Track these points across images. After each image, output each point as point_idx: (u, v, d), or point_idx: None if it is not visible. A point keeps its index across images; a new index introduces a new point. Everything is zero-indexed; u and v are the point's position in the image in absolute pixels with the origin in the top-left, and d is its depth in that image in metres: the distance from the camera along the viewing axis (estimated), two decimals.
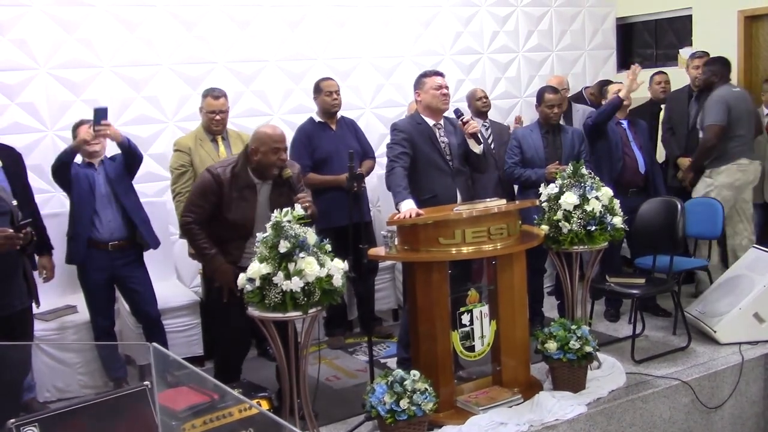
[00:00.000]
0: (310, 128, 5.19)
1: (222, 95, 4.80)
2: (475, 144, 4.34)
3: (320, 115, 5.23)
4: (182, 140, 4.85)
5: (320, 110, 5.23)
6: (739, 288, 4.94)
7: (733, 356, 4.64)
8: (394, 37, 6.28)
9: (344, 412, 4.11)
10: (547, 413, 3.90)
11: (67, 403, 3.60)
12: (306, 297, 3.38)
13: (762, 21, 6.41)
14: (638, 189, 5.34)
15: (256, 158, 3.88)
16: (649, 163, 5.40)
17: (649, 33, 7.46)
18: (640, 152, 5.37)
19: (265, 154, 3.85)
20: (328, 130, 5.20)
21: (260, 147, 3.85)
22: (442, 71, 4.42)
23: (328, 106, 5.16)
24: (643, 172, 5.36)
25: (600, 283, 4.82)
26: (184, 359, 3.16)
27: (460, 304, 3.98)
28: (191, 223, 3.92)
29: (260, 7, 5.71)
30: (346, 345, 5.28)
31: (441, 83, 4.28)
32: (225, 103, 4.82)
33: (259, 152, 3.86)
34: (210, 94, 4.79)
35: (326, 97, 5.15)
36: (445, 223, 3.83)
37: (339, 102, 5.21)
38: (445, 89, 4.30)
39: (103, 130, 4.18)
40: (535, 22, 6.96)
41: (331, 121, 5.22)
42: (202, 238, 3.92)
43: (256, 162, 3.89)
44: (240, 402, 3.15)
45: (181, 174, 4.73)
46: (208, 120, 4.78)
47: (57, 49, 5.04)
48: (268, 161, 3.87)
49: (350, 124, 5.39)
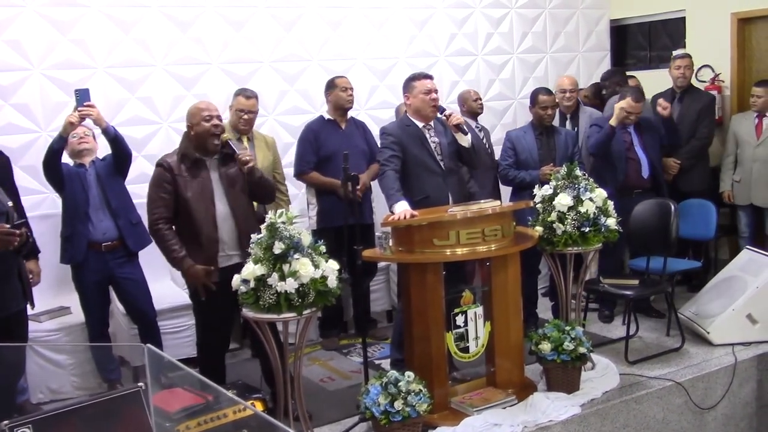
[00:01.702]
0: (319, 126, 5.24)
1: (254, 96, 4.91)
2: (462, 136, 4.33)
3: (332, 113, 5.26)
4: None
5: (333, 107, 5.25)
6: (732, 289, 4.96)
7: (726, 357, 4.66)
8: (389, 39, 6.29)
9: (339, 414, 4.11)
10: (541, 414, 3.92)
11: (61, 405, 3.59)
12: (300, 298, 3.38)
13: (755, 23, 6.44)
14: (643, 190, 5.34)
15: (193, 133, 3.97)
16: (654, 165, 5.40)
17: (642, 35, 7.48)
18: (645, 155, 5.36)
19: (198, 124, 3.95)
20: (336, 128, 5.24)
21: (193, 120, 3.97)
22: (431, 74, 4.43)
23: (344, 101, 5.19)
24: (646, 176, 5.37)
25: (594, 284, 4.83)
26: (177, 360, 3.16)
27: (455, 305, 3.99)
28: (158, 221, 3.93)
29: (255, 8, 5.71)
30: (341, 346, 5.28)
31: (431, 87, 4.27)
32: (255, 104, 4.92)
33: (194, 126, 3.96)
34: (242, 94, 4.90)
35: (342, 92, 5.18)
36: (440, 225, 3.84)
37: (353, 99, 5.27)
38: (435, 94, 4.28)
39: (86, 111, 4.14)
40: (529, 24, 6.98)
41: (342, 120, 5.25)
42: (171, 239, 3.93)
43: (195, 137, 3.97)
44: (234, 403, 3.14)
45: None
46: (237, 118, 4.86)
47: (51, 49, 5.02)
48: (203, 130, 3.95)
49: (360, 125, 5.42)
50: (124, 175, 4.48)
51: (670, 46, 7.10)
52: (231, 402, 3.14)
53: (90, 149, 4.41)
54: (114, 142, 4.30)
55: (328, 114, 5.29)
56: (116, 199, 4.37)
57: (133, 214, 4.46)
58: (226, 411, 3.23)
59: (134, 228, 4.42)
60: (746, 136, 5.87)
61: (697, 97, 5.97)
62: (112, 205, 4.35)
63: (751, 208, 5.90)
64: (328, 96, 5.29)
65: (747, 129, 5.88)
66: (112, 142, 4.30)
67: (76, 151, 4.38)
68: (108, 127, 4.26)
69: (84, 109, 4.14)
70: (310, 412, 3.86)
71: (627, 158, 5.31)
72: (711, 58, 6.28)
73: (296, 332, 3.63)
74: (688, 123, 5.85)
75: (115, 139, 4.29)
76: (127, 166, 4.47)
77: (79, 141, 4.37)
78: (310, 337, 4.79)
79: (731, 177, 5.97)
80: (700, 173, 5.93)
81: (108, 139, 4.29)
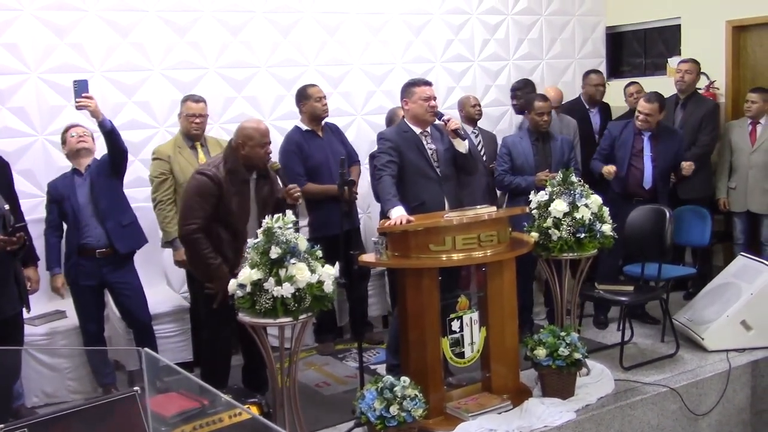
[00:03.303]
0: (299, 137, 5.12)
1: (202, 100, 4.83)
2: (460, 142, 4.34)
3: (307, 123, 5.17)
4: (161, 148, 4.83)
5: (308, 117, 5.15)
6: (726, 296, 4.98)
7: (720, 363, 4.67)
8: (386, 45, 6.30)
9: (334, 419, 4.11)
10: (536, 420, 3.92)
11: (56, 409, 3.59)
12: (297, 303, 3.39)
13: (749, 31, 6.47)
14: (643, 200, 5.32)
15: (243, 152, 3.97)
16: (657, 178, 5.35)
17: (638, 42, 7.51)
18: (651, 165, 5.33)
19: (253, 148, 3.96)
20: (316, 138, 5.16)
21: (247, 142, 3.96)
22: (430, 80, 4.44)
23: (319, 111, 5.13)
24: (648, 187, 5.35)
25: (589, 290, 4.84)
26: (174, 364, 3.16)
27: (450, 310, 4.00)
28: (197, 231, 3.90)
29: (252, 13, 5.72)
30: (336, 351, 5.28)
31: (430, 94, 4.29)
32: (204, 108, 4.83)
33: (247, 146, 3.96)
34: (190, 99, 4.82)
35: (316, 103, 5.11)
36: (436, 230, 3.85)
37: (327, 107, 5.19)
38: (434, 101, 4.30)
39: (84, 101, 4.11)
40: (525, 31, 7.00)
41: (318, 128, 5.18)
42: (207, 247, 3.92)
43: (243, 157, 3.97)
44: (230, 407, 3.15)
45: (162, 182, 4.72)
46: (188, 123, 4.77)
47: (48, 53, 5.02)
48: (256, 155, 3.98)
49: (334, 129, 5.36)
50: (120, 176, 4.46)
51: (665, 53, 7.14)
52: (227, 406, 3.14)
53: (88, 149, 4.38)
54: (109, 136, 4.25)
55: (303, 124, 5.17)
56: (106, 200, 4.33)
57: (125, 216, 4.42)
58: (222, 415, 3.24)
59: (124, 230, 4.39)
60: (741, 143, 5.87)
61: (701, 105, 5.94)
62: (101, 208, 4.31)
63: (746, 214, 5.90)
64: (301, 107, 5.17)
65: (742, 136, 5.88)
66: (108, 135, 4.24)
67: (74, 150, 4.36)
68: (104, 120, 4.20)
69: (82, 100, 4.11)
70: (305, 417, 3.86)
71: (630, 165, 5.32)
72: (706, 66, 6.31)
73: (292, 337, 3.63)
74: (690, 130, 5.82)
75: (110, 132, 4.23)
76: (122, 165, 4.43)
77: (78, 140, 4.35)
78: (305, 342, 4.79)
79: (726, 184, 5.97)
80: (702, 180, 5.88)
81: (103, 133, 4.24)
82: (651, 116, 5.26)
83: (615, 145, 5.40)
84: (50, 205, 4.39)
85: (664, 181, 5.44)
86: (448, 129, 4.30)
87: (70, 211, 4.31)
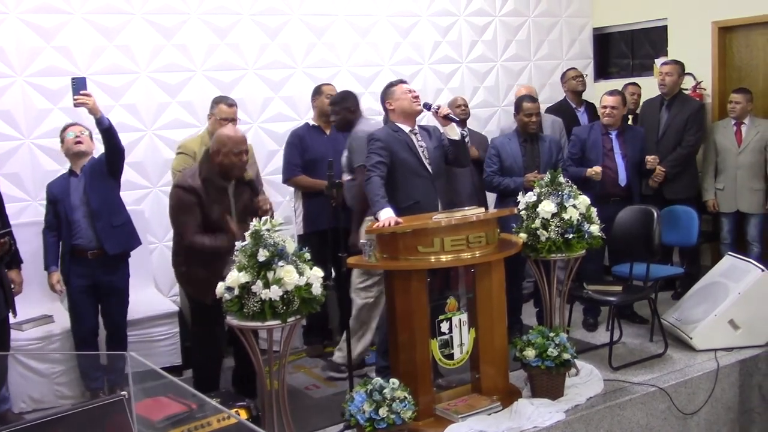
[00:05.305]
0: (303, 131, 5.29)
1: (235, 104, 4.90)
2: (453, 128, 4.33)
3: (316, 119, 5.31)
4: (188, 143, 4.87)
5: (318, 113, 5.30)
6: (714, 295, 5.00)
7: (708, 363, 4.69)
8: (373, 46, 6.30)
9: (323, 421, 4.11)
10: (525, 420, 3.93)
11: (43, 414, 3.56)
12: (285, 306, 3.38)
13: (735, 32, 6.51)
14: (620, 198, 5.37)
15: (218, 160, 3.97)
16: (631, 173, 5.43)
17: (625, 43, 7.55)
18: (623, 162, 5.39)
19: (227, 155, 3.95)
20: (321, 134, 5.28)
21: (221, 149, 3.96)
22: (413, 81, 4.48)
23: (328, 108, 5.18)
24: (623, 185, 5.41)
25: (578, 290, 4.86)
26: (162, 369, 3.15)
27: (439, 312, 4.00)
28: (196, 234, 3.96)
29: (239, 15, 5.71)
30: (326, 353, 5.26)
31: (408, 88, 4.36)
32: (236, 112, 4.89)
33: (221, 154, 3.96)
34: (223, 102, 4.86)
35: (326, 99, 5.18)
36: (424, 232, 3.85)
37: None
38: (414, 92, 4.36)
39: (82, 99, 4.10)
40: (513, 32, 7.02)
41: (326, 126, 5.27)
42: (208, 238, 3.97)
43: (218, 164, 3.98)
44: (218, 412, 3.14)
45: None
46: (219, 126, 4.74)
47: (34, 56, 5.00)
48: (230, 162, 3.97)
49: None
50: (116, 176, 4.43)
51: (652, 54, 7.17)
52: (215, 410, 3.14)
53: (86, 150, 4.36)
54: (107, 134, 4.24)
55: (313, 120, 5.34)
56: (98, 200, 4.31)
57: (117, 216, 4.39)
58: (210, 419, 3.23)
59: (114, 230, 4.36)
60: (727, 143, 5.89)
61: (686, 105, 5.95)
62: (92, 208, 4.30)
63: (735, 214, 5.92)
64: (314, 102, 5.35)
65: (727, 137, 5.90)
66: (105, 133, 4.23)
67: (72, 151, 4.34)
68: (102, 117, 4.19)
69: (80, 98, 4.10)
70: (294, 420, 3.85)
71: (603, 166, 5.34)
72: (692, 67, 6.34)
73: (281, 340, 3.62)
74: (675, 131, 5.84)
75: (108, 130, 4.22)
76: (119, 164, 4.41)
77: (75, 140, 4.32)
78: (294, 344, 4.78)
79: (713, 185, 5.98)
80: (687, 181, 5.91)
81: (101, 130, 4.23)
82: (616, 109, 5.33)
83: (585, 148, 5.43)
84: (48, 206, 4.42)
85: (635, 178, 5.50)
86: (439, 116, 4.31)
87: (63, 213, 4.30)
